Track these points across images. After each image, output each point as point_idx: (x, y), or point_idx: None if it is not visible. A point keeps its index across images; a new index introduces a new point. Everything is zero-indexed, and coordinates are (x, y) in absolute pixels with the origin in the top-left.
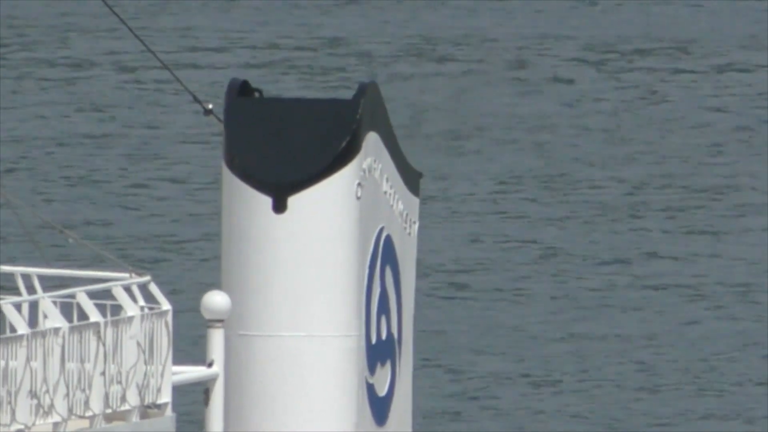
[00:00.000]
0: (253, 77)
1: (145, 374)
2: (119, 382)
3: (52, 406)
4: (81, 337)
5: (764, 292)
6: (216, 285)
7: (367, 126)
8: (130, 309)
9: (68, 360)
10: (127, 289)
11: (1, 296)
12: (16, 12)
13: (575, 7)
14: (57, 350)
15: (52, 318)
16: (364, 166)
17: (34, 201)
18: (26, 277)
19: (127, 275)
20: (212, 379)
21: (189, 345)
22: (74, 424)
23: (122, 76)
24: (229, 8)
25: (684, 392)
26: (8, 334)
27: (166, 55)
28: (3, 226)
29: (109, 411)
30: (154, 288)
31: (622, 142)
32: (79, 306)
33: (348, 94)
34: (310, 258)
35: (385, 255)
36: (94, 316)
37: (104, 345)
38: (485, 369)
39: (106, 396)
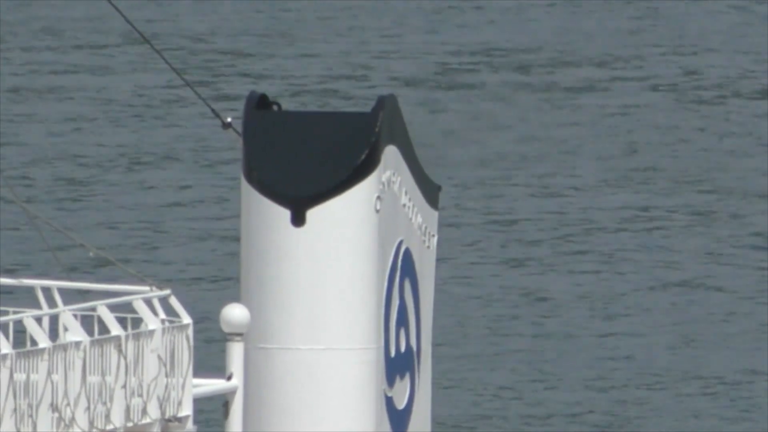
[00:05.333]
0: (272, 91)
1: (166, 387)
2: (140, 395)
3: (73, 419)
4: (102, 351)
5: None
6: (235, 298)
7: (386, 139)
8: (151, 322)
9: (89, 373)
10: (148, 303)
11: (22, 309)
12: (36, 28)
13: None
14: (78, 363)
15: (73, 331)
16: (383, 179)
17: (55, 215)
18: (47, 291)
19: (147, 288)
20: (232, 392)
21: (208, 358)
22: None
23: (141, 89)
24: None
25: (702, 397)
26: (29, 347)
27: (184, 68)
28: (24, 240)
29: (130, 424)
30: (174, 301)
31: (640, 151)
32: (99, 319)
33: (367, 108)
34: (329, 271)
35: (404, 268)
36: (115, 329)
37: (125, 358)
38: (501, 377)
39: (128, 409)
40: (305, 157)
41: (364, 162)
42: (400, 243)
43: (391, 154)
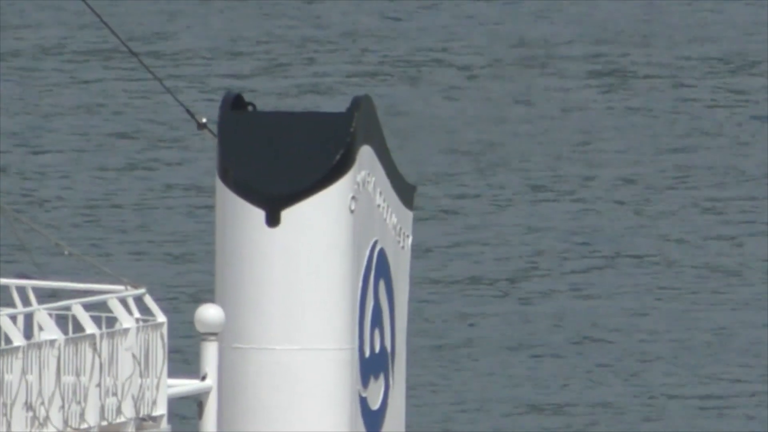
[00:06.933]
0: (247, 89)
1: (141, 386)
2: (115, 394)
3: (47, 418)
4: (77, 349)
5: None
6: (210, 298)
7: (360, 139)
8: (126, 321)
9: (64, 372)
10: (123, 302)
11: None
12: (19, 29)
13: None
14: (53, 362)
15: (48, 330)
16: (358, 179)
17: (30, 213)
18: (21, 290)
19: (122, 287)
20: (206, 392)
21: (183, 358)
22: None
23: (116, 90)
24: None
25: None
26: (4, 346)
27: (160, 68)
28: None
29: (104, 423)
30: (149, 300)
31: (629, 142)
32: (74, 318)
33: (342, 108)
34: (304, 271)
35: (378, 268)
36: (90, 328)
37: (100, 357)
38: (480, 380)
39: (102, 408)
40: (280, 157)
41: (339, 162)
42: (375, 243)
43: (366, 154)
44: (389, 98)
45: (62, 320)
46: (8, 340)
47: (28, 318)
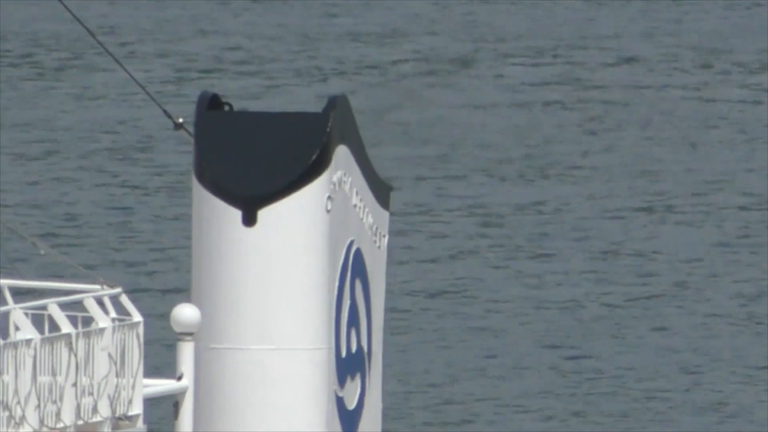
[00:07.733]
0: (224, 89)
1: (117, 386)
2: (91, 394)
3: (23, 417)
4: (53, 349)
5: None
6: (186, 298)
7: (337, 139)
8: (102, 320)
9: (40, 372)
10: (99, 301)
11: None
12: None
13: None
14: (29, 362)
15: (24, 329)
16: (334, 179)
17: (5, 212)
18: None
19: (98, 287)
20: (182, 392)
21: (159, 358)
22: None
23: (91, 89)
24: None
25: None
26: None
27: (136, 68)
28: None
29: (80, 423)
30: (125, 300)
31: (606, 146)
32: (50, 317)
33: (318, 107)
34: (280, 271)
35: (354, 268)
36: (66, 327)
37: (76, 356)
38: (459, 380)
39: (78, 408)
40: (256, 157)
41: (315, 162)
42: (351, 243)
43: (342, 154)
44: (365, 98)
45: (38, 320)
46: None
47: (4, 317)
